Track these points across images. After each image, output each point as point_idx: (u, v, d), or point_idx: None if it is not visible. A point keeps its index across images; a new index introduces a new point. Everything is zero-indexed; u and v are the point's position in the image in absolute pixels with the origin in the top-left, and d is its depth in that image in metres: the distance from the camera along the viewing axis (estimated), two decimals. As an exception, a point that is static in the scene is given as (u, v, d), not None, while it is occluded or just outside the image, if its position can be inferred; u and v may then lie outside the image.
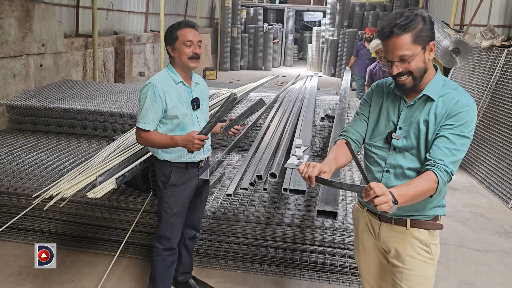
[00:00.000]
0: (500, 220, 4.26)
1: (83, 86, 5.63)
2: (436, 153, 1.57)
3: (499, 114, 5.38)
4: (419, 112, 1.68)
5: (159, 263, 2.52)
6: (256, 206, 3.08)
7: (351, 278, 3.00)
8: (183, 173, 2.42)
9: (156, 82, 2.28)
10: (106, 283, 2.87)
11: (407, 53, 1.58)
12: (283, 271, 3.06)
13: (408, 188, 1.52)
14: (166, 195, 2.43)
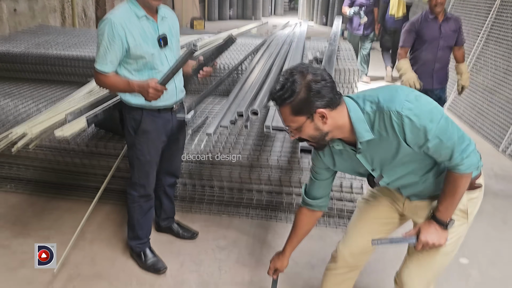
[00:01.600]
0: (490, 163, 4.21)
1: (60, 32, 5.32)
2: (443, 158, 1.41)
3: (493, 57, 5.23)
4: (371, 150, 1.47)
5: (135, 210, 2.42)
6: (240, 149, 2.97)
7: (338, 220, 2.95)
8: (155, 118, 2.21)
9: (115, 18, 1.99)
10: (87, 228, 2.79)
11: (291, 124, 1.40)
12: (269, 215, 3.00)
13: (445, 204, 1.50)
14: (138, 142, 2.25)
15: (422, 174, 1.53)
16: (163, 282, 2.39)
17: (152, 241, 2.58)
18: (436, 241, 1.52)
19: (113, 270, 2.47)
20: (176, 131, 2.38)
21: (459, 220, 1.59)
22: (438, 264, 1.64)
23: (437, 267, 1.65)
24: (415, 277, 1.66)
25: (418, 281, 1.66)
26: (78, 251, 2.60)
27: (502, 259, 2.75)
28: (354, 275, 1.89)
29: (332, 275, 1.91)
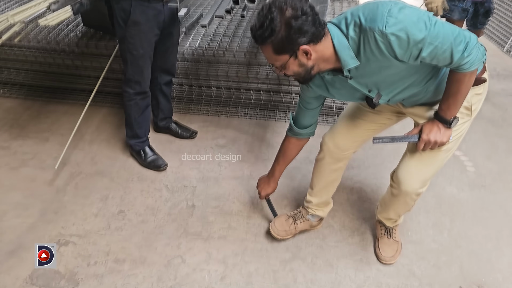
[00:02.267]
0: (493, 63, 4.11)
1: None
2: (443, 62, 1.30)
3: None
4: (364, 73, 1.37)
5: (132, 108, 2.38)
6: (237, 47, 2.86)
7: (336, 118, 2.94)
8: (145, 8, 2.07)
9: None
10: (85, 130, 2.79)
11: (275, 63, 1.34)
12: (268, 114, 2.98)
13: (449, 103, 1.42)
14: (129, 35, 2.12)
15: (424, 83, 1.45)
16: (164, 178, 2.43)
17: (151, 141, 2.59)
18: (439, 139, 1.47)
19: (114, 168, 2.50)
20: (169, 23, 2.26)
21: (463, 118, 1.54)
22: (438, 161, 1.61)
23: (437, 165, 1.62)
24: (414, 175, 1.62)
25: (416, 178, 1.62)
26: (78, 151, 2.62)
27: (498, 153, 2.78)
28: (339, 167, 1.89)
29: (319, 165, 1.92)
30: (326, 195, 1.99)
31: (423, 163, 1.61)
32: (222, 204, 2.25)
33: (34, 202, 2.22)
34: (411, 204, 1.75)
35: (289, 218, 2.04)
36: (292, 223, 2.02)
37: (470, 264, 1.98)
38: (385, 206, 1.90)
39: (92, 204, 2.24)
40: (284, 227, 2.00)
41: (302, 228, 2.04)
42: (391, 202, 1.82)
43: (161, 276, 1.85)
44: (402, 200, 1.72)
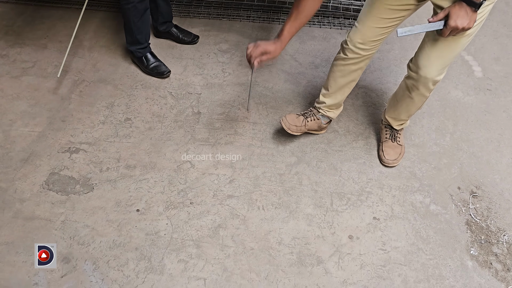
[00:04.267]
0: None
1: None
2: None
3: None
4: None
5: (130, 11, 2.27)
6: None
7: (343, 21, 2.83)
8: None
9: None
10: (83, 36, 2.70)
11: None
12: (271, 17, 2.86)
13: None
14: None
15: None
16: (168, 84, 2.41)
17: (152, 46, 2.51)
18: (466, 25, 1.41)
19: (116, 75, 2.46)
20: None
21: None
22: (459, 47, 1.58)
23: (458, 50, 1.59)
24: (435, 61, 1.62)
25: (437, 64, 1.62)
26: (78, 59, 2.56)
27: (507, 55, 2.72)
28: (360, 67, 1.86)
29: (339, 65, 1.86)
30: (340, 97, 1.99)
31: (444, 49, 1.59)
32: (227, 110, 2.26)
33: (40, 111, 2.23)
34: (426, 95, 1.77)
35: (300, 116, 2.05)
36: (303, 120, 2.03)
37: (469, 165, 2.05)
38: (396, 104, 1.92)
39: (99, 111, 2.25)
40: (295, 123, 2.01)
41: (311, 127, 2.06)
42: (403, 98, 1.84)
43: (172, 180, 1.93)
44: (419, 90, 1.74)
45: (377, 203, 1.88)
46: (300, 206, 1.85)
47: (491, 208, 1.88)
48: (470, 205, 1.89)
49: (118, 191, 1.88)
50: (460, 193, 1.93)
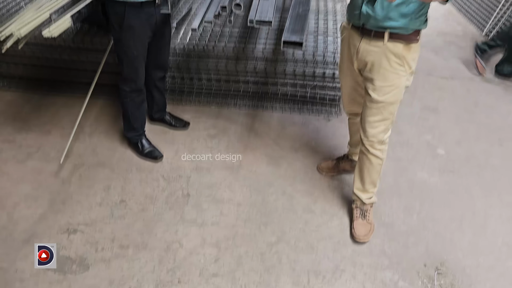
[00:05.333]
0: (471, 48, 4.30)
1: None
2: None
3: None
4: None
5: (128, 104, 2.56)
6: (226, 41, 3.02)
7: (320, 108, 3.14)
8: (138, 13, 2.23)
9: None
10: (84, 123, 2.97)
11: None
12: (256, 104, 3.18)
13: None
14: (124, 37, 2.29)
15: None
16: (160, 168, 2.64)
17: (147, 131, 2.78)
18: None
19: (114, 159, 2.70)
20: (161, 25, 2.41)
21: (397, 73, 1.87)
22: (390, 109, 1.98)
23: (390, 110, 1.99)
24: (374, 124, 2.03)
25: (376, 127, 2.03)
26: (79, 144, 2.81)
27: (468, 138, 3.02)
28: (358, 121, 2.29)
29: (350, 123, 2.45)
30: None
31: (378, 113, 1.99)
32: (214, 192, 2.48)
33: (42, 194, 2.43)
34: (379, 157, 2.13)
35: (334, 160, 2.63)
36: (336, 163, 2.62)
37: (435, 243, 2.25)
38: (359, 173, 2.24)
39: (96, 194, 2.45)
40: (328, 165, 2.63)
41: (345, 167, 2.60)
42: (363, 165, 2.19)
43: (162, 260, 2.09)
44: (370, 152, 2.11)
45: (350, 281, 2.04)
46: (279, 284, 2.01)
47: (454, 284, 2.06)
48: (435, 282, 2.06)
49: (112, 270, 2.04)
50: (426, 269, 2.11)
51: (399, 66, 1.86)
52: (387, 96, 1.93)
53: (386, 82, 1.90)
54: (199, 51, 2.99)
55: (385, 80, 1.89)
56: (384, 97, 1.93)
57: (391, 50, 1.82)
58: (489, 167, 2.77)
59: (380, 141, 2.08)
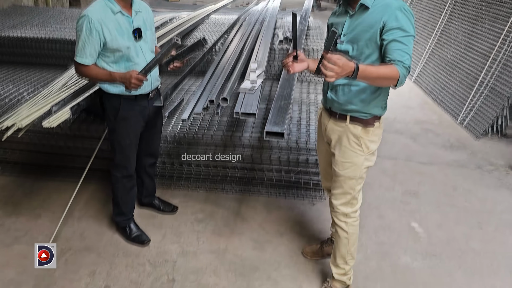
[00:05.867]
0: (448, 135, 4.57)
1: (35, 12, 5.37)
2: (394, 55, 1.82)
3: (456, 32, 5.51)
4: (359, 19, 1.93)
5: (119, 189, 2.66)
6: (215, 130, 3.21)
7: (305, 192, 3.26)
8: (132, 105, 2.42)
9: (92, 14, 2.16)
10: (74, 206, 3.03)
11: None
12: (243, 189, 3.28)
13: (371, 67, 1.80)
14: (118, 127, 2.46)
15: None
16: (147, 252, 2.67)
17: (135, 216, 2.84)
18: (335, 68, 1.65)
19: (101, 243, 2.73)
20: (153, 116, 2.60)
21: (355, 152, 2.08)
22: (351, 183, 2.16)
23: (350, 184, 2.16)
24: (337, 196, 2.22)
25: (339, 198, 2.22)
26: (67, 228, 2.85)
27: (448, 222, 3.11)
28: None
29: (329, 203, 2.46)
30: None
31: (339, 189, 2.20)
32: (200, 278, 2.49)
33: (27, 279, 2.42)
34: (345, 230, 2.24)
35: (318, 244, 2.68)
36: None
37: (419, 329, 2.24)
38: (334, 246, 2.36)
39: (81, 279, 2.45)
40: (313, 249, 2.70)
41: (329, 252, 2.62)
42: (335, 237, 2.31)
43: None
44: (336, 223, 2.25)
45: None
46: None
47: None
48: None
49: None
50: None
51: (357, 146, 2.09)
52: (346, 171, 2.13)
53: (346, 158, 2.12)
54: (189, 138, 3.17)
55: (344, 156, 2.12)
56: (343, 171, 2.14)
57: (351, 131, 2.07)
58: (470, 250, 2.83)
59: (344, 213, 2.22)
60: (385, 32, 1.84)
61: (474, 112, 4.67)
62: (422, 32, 6.37)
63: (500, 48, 4.59)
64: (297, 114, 3.52)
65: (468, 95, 4.84)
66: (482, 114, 4.55)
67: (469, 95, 4.83)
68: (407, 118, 4.95)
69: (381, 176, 3.67)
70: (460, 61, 5.22)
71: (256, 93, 2.70)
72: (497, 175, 3.80)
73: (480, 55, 4.88)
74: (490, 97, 4.51)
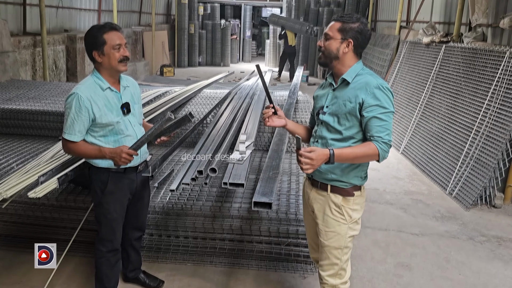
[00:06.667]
0: (437, 205, 4.57)
1: (31, 86, 5.52)
2: (373, 131, 1.93)
3: (438, 106, 5.73)
4: (341, 93, 2.05)
5: (103, 264, 2.56)
6: (204, 201, 3.19)
7: (295, 265, 3.17)
8: (121, 178, 2.40)
9: (81, 92, 2.22)
10: (56, 282, 2.90)
11: (329, 33, 2.04)
12: (232, 262, 3.19)
13: (347, 149, 1.95)
14: (105, 201, 2.42)
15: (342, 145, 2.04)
16: (129, 331, 2.52)
17: (119, 292, 2.72)
18: (309, 161, 1.85)
19: (81, 321, 2.58)
20: (141, 189, 2.58)
21: (337, 221, 2.11)
22: (334, 257, 2.17)
23: (333, 259, 2.17)
24: (322, 262, 2.23)
25: (327, 269, 2.21)
26: (46, 304, 2.71)
27: (444, 297, 3.01)
28: None
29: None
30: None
31: (326, 260, 2.19)
32: None
33: None
34: None
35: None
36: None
37: None
38: None
39: None
40: None
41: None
42: None
43: None
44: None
45: None
46: None
47: None
48: None
49: None
50: None
51: (339, 215, 2.10)
52: (331, 241, 2.14)
53: (329, 227, 2.13)
54: (177, 209, 3.13)
55: (327, 225, 2.13)
56: (328, 241, 2.15)
57: (332, 200, 2.10)
58: (468, 327, 2.72)
59: (333, 285, 2.20)
60: (365, 109, 1.95)
61: (462, 183, 4.72)
62: (407, 106, 6.61)
63: (482, 120, 4.75)
64: (287, 184, 3.53)
65: (455, 166, 4.92)
66: (470, 184, 4.60)
67: (456, 165, 4.91)
68: (396, 189, 4.97)
69: (373, 248, 3.61)
70: (445, 133, 5.38)
71: (245, 163, 2.73)
72: (490, 246, 3.76)
73: (464, 127, 5.04)
74: (477, 168, 4.59)
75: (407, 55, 7.25)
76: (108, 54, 2.26)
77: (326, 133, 2.10)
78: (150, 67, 12.19)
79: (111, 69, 2.31)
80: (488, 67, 4.94)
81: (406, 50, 7.35)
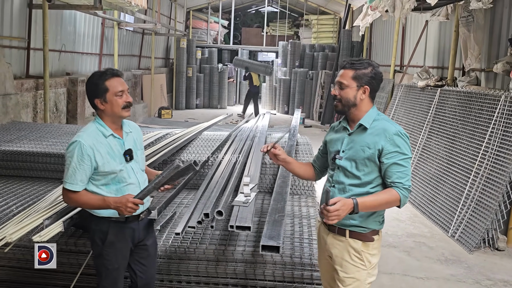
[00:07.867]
0: (441, 248, 4.52)
1: (32, 128, 5.55)
2: (394, 177, 1.95)
3: (436, 148, 5.79)
4: (358, 138, 2.07)
5: None
6: (207, 244, 3.14)
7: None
8: (122, 228, 2.30)
9: (84, 140, 2.16)
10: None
11: (343, 81, 2.06)
12: (237, 307, 3.10)
13: (369, 197, 1.96)
14: (106, 252, 2.31)
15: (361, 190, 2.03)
16: None
17: None
18: (337, 213, 1.86)
19: None
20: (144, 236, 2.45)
21: (357, 267, 2.06)
22: None
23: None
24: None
25: None
26: None
27: None
28: None
29: None
30: None
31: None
32: None
33: None
34: None
35: None
36: None
37: None
38: None
39: None
40: None
41: None
42: None
43: None
44: None
45: None
46: None
47: None
48: None
49: None
50: None
51: (359, 260, 2.06)
52: (350, 287, 2.07)
53: (348, 274, 2.07)
54: (180, 253, 3.08)
55: (346, 271, 2.08)
56: (347, 287, 2.07)
57: (352, 245, 2.06)
58: None
59: None
60: (384, 155, 1.97)
61: (464, 225, 4.69)
62: (404, 147, 6.67)
63: (481, 162, 4.80)
64: (290, 227, 3.49)
65: (456, 208, 4.91)
66: (472, 226, 4.57)
67: (457, 208, 4.90)
68: (398, 231, 4.93)
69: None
70: (444, 175, 5.40)
71: (250, 206, 2.72)
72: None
73: (463, 169, 5.08)
74: (478, 210, 4.58)
75: (403, 98, 7.41)
76: (111, 101, 2.22)
77: (343, 178, 2.10)
78: (148, 109, 12.33)
79: (114, 116, 2.26)
80: (484, 110, 5.04)
81: (401, 93, 7.51)
